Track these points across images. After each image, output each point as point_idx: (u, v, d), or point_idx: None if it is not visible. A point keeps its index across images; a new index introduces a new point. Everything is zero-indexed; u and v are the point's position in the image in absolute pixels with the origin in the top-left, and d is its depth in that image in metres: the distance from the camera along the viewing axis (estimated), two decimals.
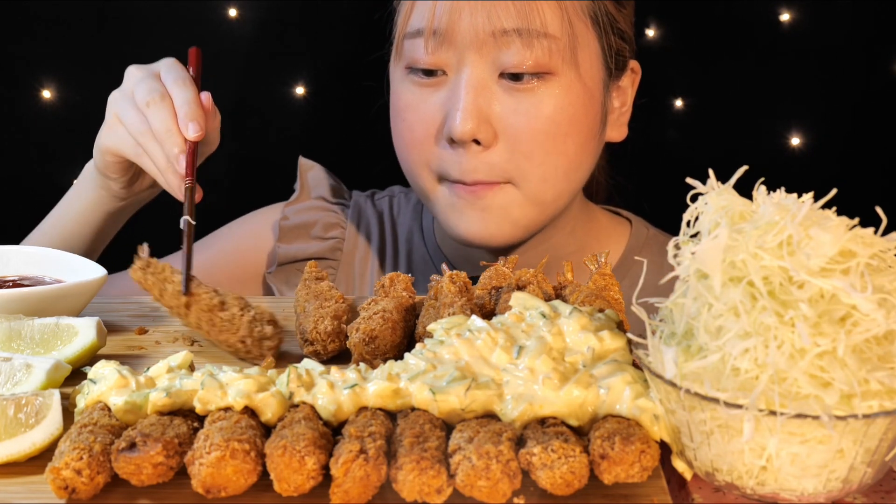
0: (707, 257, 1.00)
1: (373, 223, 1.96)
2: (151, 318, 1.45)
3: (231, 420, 1.04)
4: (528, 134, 1.66)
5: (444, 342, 1.14)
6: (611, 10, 1.71)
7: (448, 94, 1.67)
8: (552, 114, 1.66)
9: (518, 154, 1.66)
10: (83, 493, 1.00)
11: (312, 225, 1.93)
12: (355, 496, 0.98)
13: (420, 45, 1.67)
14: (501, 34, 1.63)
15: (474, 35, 1.64)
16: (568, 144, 1.69)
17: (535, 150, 1.67)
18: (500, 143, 1.66)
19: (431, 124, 1.69)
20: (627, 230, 1.91)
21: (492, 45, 1.64)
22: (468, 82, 1.65)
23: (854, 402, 0.95)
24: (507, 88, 1.66)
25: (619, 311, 1.29)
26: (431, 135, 1.70)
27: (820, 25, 2.28)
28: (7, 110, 2.31)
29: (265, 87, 2.34)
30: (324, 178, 1.98)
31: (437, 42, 1.66)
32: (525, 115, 1.65)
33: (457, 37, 1.64)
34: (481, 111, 1.65)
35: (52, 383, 1.17)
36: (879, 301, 0.96)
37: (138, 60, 2.16)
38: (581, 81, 1.68)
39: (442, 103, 1.68)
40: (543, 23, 1.64)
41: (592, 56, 1.70)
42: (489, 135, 1.65)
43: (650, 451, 1.00)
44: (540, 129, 1.66)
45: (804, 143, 2.32)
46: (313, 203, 1.95)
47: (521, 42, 1.63)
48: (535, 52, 1.64)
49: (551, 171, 1.69)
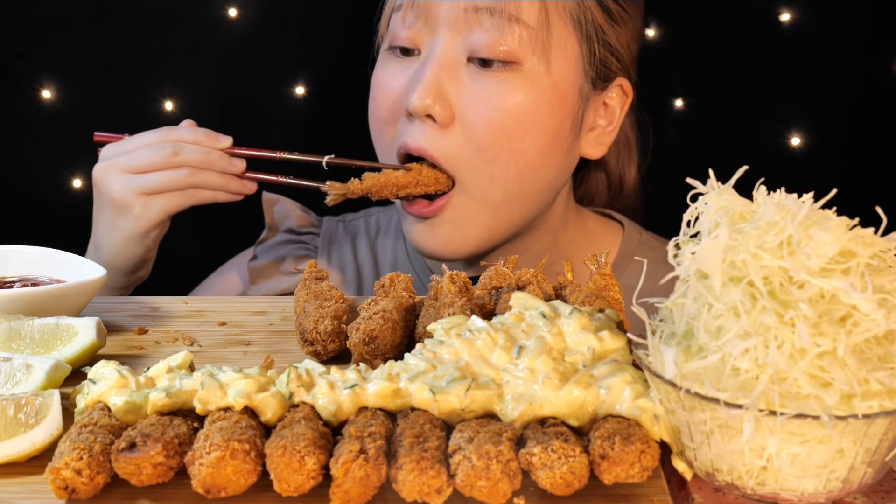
0: (707, 257, 1.00)
1: (346, 248, 1.94)
2: (151, 318, 1.45)
3: (231, 420, 1.04)
4: (485, 122, 1.63)
5: (444, 342, 1.14)
6: (599, 20, 1.68)
7: (415, 70, 1.67)
8: (513, 106, 1.63)
9: (471, 143, 1.64)
10: (83, 494, 1.00)
11: (281, 261, 1.90)
12: (355, 496, 0.98)
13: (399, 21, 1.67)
14: (474, 11, 1.62)
15: (449, 9, 1.63)
16: (525, 143, 1.65)
17: (489, 141, 1.64)
18: (456, 126, 1.64)
19: (396, 101, 1.68)
20: (619, 235, 1.88)
21: (463, 22, 1.63)
22: (435, 59, 1.64)
23: (854, 402, 0.95)
24: (473, 73, 1.64)
25: (619, 311, 1.29)
26: (396, 112, 1.69)
27: (820, 26, 2.28)
28: (7, 110, 2.31)
29: (265, 87, 2.34)
30: (290, 210, 1.95)
31: (414, 14, 1.66)
32: (485, 102, 1.63)
33: (432, 10, 1.64)
34: (442, 88, 1.64)
35: (52, 383, 1.17)
36: (879, 301, 0.96)
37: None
38: (551, 79, 1.65)
39: (409, 80, 1.67)
40: (518, 8, 1.62)
41: (569, 58, 1.67)
42: (446, 113, 1.63)
43: (650, 452, 1.00)
44: (498, 120, 1.63)
45: (804, 143, 2.32)
46: (282, 237, 1.93)
47: (492, 23, 1.62)
48: (504, 36, 1.62)
49: (501, 168, 1.65)
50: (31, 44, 2.29)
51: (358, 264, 1.93)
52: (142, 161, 1.63)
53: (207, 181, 1.64)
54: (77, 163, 2.33)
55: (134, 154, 1.63)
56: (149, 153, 1.63)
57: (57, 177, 2.33)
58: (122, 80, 2.30)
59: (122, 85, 2.30)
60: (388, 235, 1.94)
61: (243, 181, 1.67)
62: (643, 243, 1.86)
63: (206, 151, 1.63)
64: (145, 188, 1.63)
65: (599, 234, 1.87)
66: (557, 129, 1.68)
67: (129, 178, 1.63)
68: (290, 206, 1.95)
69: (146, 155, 1.63)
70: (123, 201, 1.64)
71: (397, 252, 1.92)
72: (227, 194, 1.66)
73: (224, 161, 1.65)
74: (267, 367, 1.18)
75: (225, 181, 1.65)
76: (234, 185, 1.66)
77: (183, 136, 1.64)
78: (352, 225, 1.97)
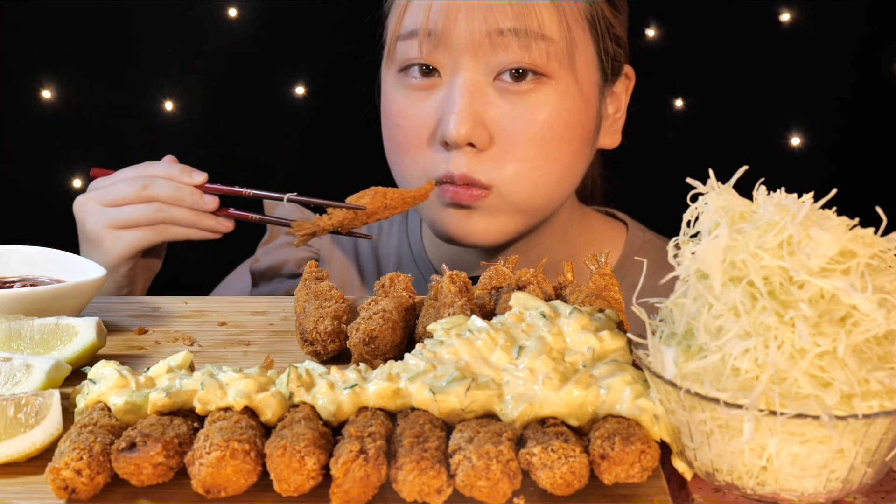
0: (707, 257, 1.00)
1: (348, 249, 1.94)
2: (151, 318, 1.45)
3: (231, 420, 1.04)
4: (524, 138, 1.64)
5: (444, 342, 1.14)
6: (607, 14, 1.70)
7: (442, 97, 1.65)
8: (548, 118, 1.64)
9: (513, 157, 1.64)
10: (83, 494, 1.00)
11: (283, 264, 1.90)
12: (355, 496, 0.98)
13: (414, 47, 1.65)
14: (498, 35, 1.61)
15: (470, 37, 1.62)
16: (563, 150, 1.67)
17: (530, 154, 1.65)
18: (496, 146, 1.64)
19: (425, 129, 1.67)
20: (623, 234, 1.89)
21: (488, 47, 1.62)
22: (463, 86, 1.63)
23: (854, 403, 0.95)
24: (501, 91, 1.64)
25: (619, 311, 1.29)
26: (425, 139, 1.68)
27: (820, 26, 2.28)
28: (7, 110, 2.31)
29: (265, 87, 2.34)
30: (292, 213, 1.93)
31: (432, 44, 1.64)
32: (521, 118, 1.64)
33: (452, 38, 1.63)
34: (477, 114, 1.63)
35: (52, 383, 1.17)
36: (880, 301, 0.96)
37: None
38: (578, 86, 1.67)
39: (436, 107, 1.66)
40: (541, 24, 1.62)
41: (589, 61, 1.69)
42: (484, 138, 1.63)
43: (650, 452, 1.00)
44: (536, 133, 1.64)
45: (804, 143, 2.32)
46: (284, 240, 1.93)
47: (518, 43, 1.61)
48: (532, 55, 1.62)
49: (544, 176, 1.67)
50: (31, 44, 2.29)
51: (360, 265, 1.93)
52: (115, 195, 1.62)
53: (177, 217, 1.61)
54: (77, 163, 2.33)
55: (110, 188, 1.63)
56: (122, 187, 1.62)
57: (57, 177, 2.33)
58: (122, 80, 2.31)
59: (122, 85, 2.31)
60: (390, 236, 1.94)
61: (218, 219, 1.62)
62: (647, 242, 1.87)
63: (176, 187, 1.60)
64: (115, 222, 1.62)
65: (604, 231, 1.88)
66: (586, 131, 1.71)
67: (102, 211, 1.63)
68: (292, 208, 1.95)
69: (119, 188, 1.62)
70: (95, 234, 1.63)
71: (401, 252, 1.92)
72: (200, 231, 1.62)
73: (195, 197, 1.61)
74: (267, 367, 1.18)
75: (196, 217, 1.61)
76: (205, 222, 1.62)
77: (157, 171, 1.62)
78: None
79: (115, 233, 1.62)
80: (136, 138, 2.32)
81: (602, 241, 1.85)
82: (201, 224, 1.62)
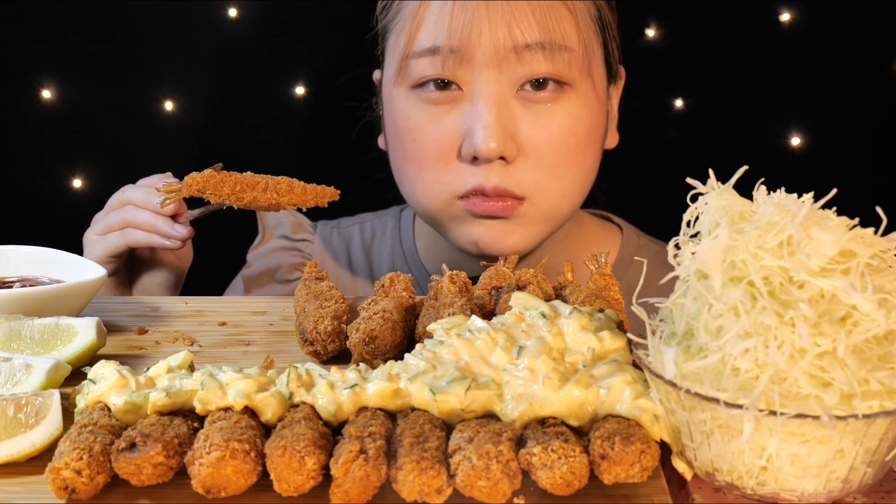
0: (707, 257, 1.00)
1: (340, 254, 1.93)
2: (151, 318, 1.45)
3: (231, 420, 1.04)
4: (551, 148, 1.64)
5: (444, 342, 1.14)
6: (607, 15, 1.70)
7: (466, 111, 1.64)
8: (572, 126, 1.65)
9: (541, 167, 1.64)
10: (83, 494, 1.00)
11: (276, 269, 1.89)
12: (355, 496, 0.98)
13: (431, 63, 1.62)
14: (524, 49, 1.60)
15: (494, 52, 1.60)
16: (585, 156, 1.68)
17: (558, 163, 1.65)
18: (523, 157, 1.64)
19: (448, 144, 1.65)
20: (618, 238, 1.89)
21: (514, 61, 1.61)
22: (489, 99, 1.61)
23: (854, 403, 0.95)
24: (524, 101, 1.63)
25: (619, 311, 1.29)
26: (448, 154, 1.65)
27: (820, 26, 2.28)
28: (7, 110, 2.31)
29: (265, 87, 2.34)
30: (284, 217, 1.94)
31: (455, 61, 1.61)
32: (546, 128, 1.64)
33: (476, 54, 1.61)
34: (505, 128, 1.62)
35: (52, 383, 1.17)
36: (880, 301, 0.96)
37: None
38: (594, 92, 1.67)
39: (460, 121, 1.64)
40: (564, 35, 1.61)
41: (600, 64, 1.70)
42: (514, 150, 1.63)
43: (650, 452, 1.00)
44: (562, 142, 1.64)
45: (804, 143, 2.32)
46: (276, 244, 1.92)
47: (544, 56, 1.60)
48: (556, 66, 1.62)
49: (569, 184, 1.67)
50: (32, 44, 2.29)
51: (353, 270, 1.93)
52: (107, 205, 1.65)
53: (138, 219, 1.59)
54: (77, 163, 2.33)
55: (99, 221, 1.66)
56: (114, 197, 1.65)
57: (57, 177, 2.33)
58: (122, 80, 2.31)
59: (122, 85, 2.31)
60: (383, 241, 1.93)
61: (173, 224, 1.58)
62: (642, 247, 1.87)
63: (145, 191, 1.59)
64: (96, 229, 1.64)
65: (599, 235, 1.88)
66: (601, 135, 1.72)
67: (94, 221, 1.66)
68: (284, 212, 1.94)
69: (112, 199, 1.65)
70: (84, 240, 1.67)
71: (395, 258, 1.91)
72: (160, 238, 1.59)
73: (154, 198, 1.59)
74: (267, 367, 1.18)
75: (153, 220, 1.58)
76: (160, 225, 1.58)
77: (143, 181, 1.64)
78: (346, 231, 1.96)
79: (94, 238, 1.65)
80: (136, 138, 2.33)
81: (597, 244, 1.85)
82: (157, 227, 1.58)
